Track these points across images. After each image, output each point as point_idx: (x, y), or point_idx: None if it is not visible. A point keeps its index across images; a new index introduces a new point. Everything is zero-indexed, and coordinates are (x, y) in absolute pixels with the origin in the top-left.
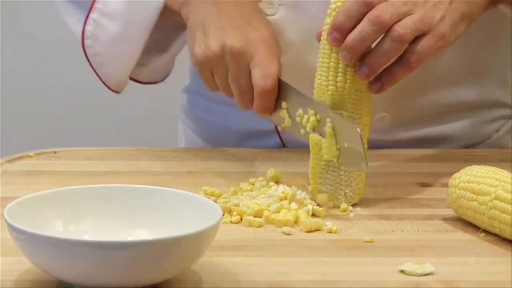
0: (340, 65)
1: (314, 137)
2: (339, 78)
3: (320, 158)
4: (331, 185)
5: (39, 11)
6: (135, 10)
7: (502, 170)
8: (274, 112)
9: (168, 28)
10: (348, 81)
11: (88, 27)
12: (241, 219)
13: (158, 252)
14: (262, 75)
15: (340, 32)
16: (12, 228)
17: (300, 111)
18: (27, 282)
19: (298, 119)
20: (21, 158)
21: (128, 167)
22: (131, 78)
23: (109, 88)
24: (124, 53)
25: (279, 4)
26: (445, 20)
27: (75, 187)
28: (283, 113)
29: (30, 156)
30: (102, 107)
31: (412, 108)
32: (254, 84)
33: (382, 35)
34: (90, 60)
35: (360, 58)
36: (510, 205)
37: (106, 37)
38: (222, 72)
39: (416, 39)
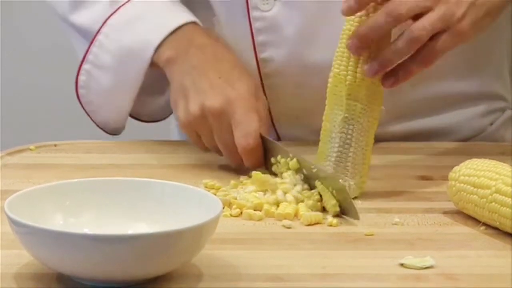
0: (362, 57)
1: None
2: (359, 69)
3: (325, 152)
4: (335, 170)
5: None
6: (125, 65)
7: (502, 163)
8: (265, 165)
9: (163, 72)
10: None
11: (81, 77)
12: (241, 212)
13: (158, 245)
14: (242, 134)
15: (359, 4)
16: (12, 221)
17: (283, 160)
18: (27, 275)
19: (281, 167)
20: (21, 151)
21: (129, 160)
22: (132, 116)
23: (106, 132)
24: (116, 103)
25: (275, 0)
26: (466, 17)
27: (75, 180)
28: (275, 168)
29: (30, 149)
30: None
31: (407, 101)
32: (237, 144)
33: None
34: (85, 108)
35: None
36: (510, 199)
37: (98, 88)
38: (207, 133)
39: (435, 35)
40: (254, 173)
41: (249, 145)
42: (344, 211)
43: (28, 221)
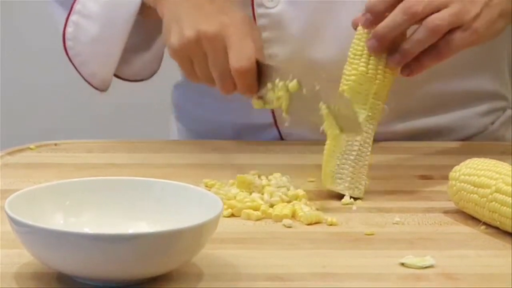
0: (384, 55)
1: (322, 107)
2: (385, 69)
3: (335, 149)
4: (351, 176)
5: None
6: (113, 10)
7: (502, 162)
8: (258, 91)
9: (149, 26)
10: (357, 71)
11: (69, 29)
12: (232, 213)
13: (159, 244)
14: (237, 57)
15: (373, 14)
16: (12, 221)
17: (281, 83)
18: (27, 274)
19: (278, 90)
20: (21, 150)
21: (129, 160)
22: (117, 76)
23: (93, 86)
24: (105, 53)
25: None
26: (481, 16)
27: (75, 179)
28: (270, 94)
29: (30, 149)
30: (103, 100)
31: (408, 100)
32: (231, 67)
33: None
34: (72, 60)
35: (388, 49)
36: (510, 198)
37: (86, 38)
38: (200, 59)
39: (450, 31)
40: (238, 175)
41: (243, 67)
42: (345, 129)
43: (28, 221)
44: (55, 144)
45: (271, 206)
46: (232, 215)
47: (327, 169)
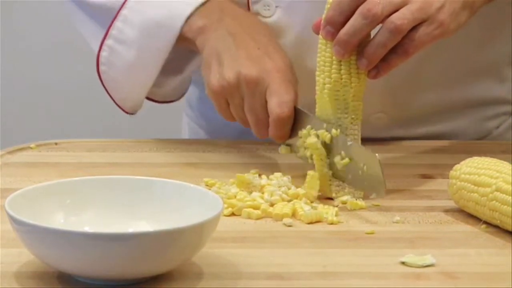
0: (353, 57)
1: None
2: (325, 76)
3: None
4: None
5: (41, 2)
6: (150, 38)
7: (503, 161)
8: (289, 139)
9: (184, 52)
10: (332, 78)
11: (103, 53)
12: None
13: (159, 243)
14: (278, 103)
15: (333, 26)
16: (13, 220)
17: (313, 131)
18: (28, 273)
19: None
20: (22, 149)
21: (129, 159)
22: (146, 97)
23: (123, 110)
24: (139, 79)
25: (276, 6)
26: (445, 8)
27: (76, 178)
28: (300, 142)
29: (31, 148)
30: (104, 99)
31: (410, 107)
32: (270, 112)
33: (379, 26)
34: (105, 85)
35: (356, 51)
36: (511, 197)
37: (121, 64)
38: (237, 102)
39: (415, 27)
40: (238, 175)
41: (283, 113)
42: (369, 188)
43: (28, 220)
44: (56, 143)
45: (272, 205)
46: (233, 214)
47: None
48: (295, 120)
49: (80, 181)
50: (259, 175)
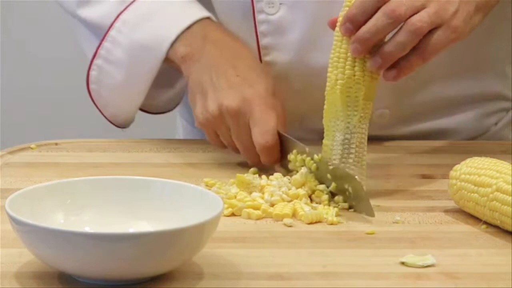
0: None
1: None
2: (339, 71)
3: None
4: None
5: (43, 3)
6: (138, 60)
7: (503, 161)
8: (281, 161)
9: (173, 69)
10: (345, 75)
11: (93, 72)
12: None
13: (160, 243)
14: (261, 132)
15: (353, 24)
16: (13, 220)
17: (300, 157)
18: (28, 273)
19: (297, 163)
20: (22, 149)
21: (129, 159)
22: (141, 109)
23: (115, 125)
24: (129, 98)
25: (280, 4)
26: (459, 13)
27: (76, 178)
28: (291, 165)
29: (31, 148)
30: None
31: (412, 103)
32: (255, 142)
33: (397, 28)
34: (95, 102)
35: (369, 52)
36: (511, 197)
37: (110, 83)
38: (224, 131)
39: (430, 31)
40: (238, 175)
41: (267, 143)
42: (357, 210)
43: (29, 220)
44: (56, 143)
45: (272, 205)
46: (233, 214)
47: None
48: (283, 144)
49: (80, 181)
50: (259, 175)
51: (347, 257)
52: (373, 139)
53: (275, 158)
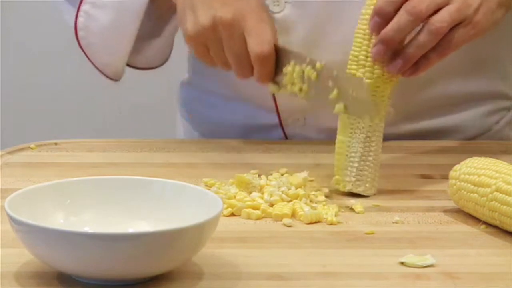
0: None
1: (339, 109)
2: (366, 70)
3: (345, 148)
4: (357, 172)
5: (41, 2)
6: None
7: (502, 162)
8: (275, 77)
9: (160, 12)
10: (375, 74)
11: (80, 19)
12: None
13: (159, 243)
14: (257, 42)
15: (382, 17)
16: (12, 220)
17: (298, 67)
18: (27, 273)
19: (295, 74)
20: (22, 149)
21: (129, 159)
22: (129, 65)
23: (107, 76)
24: (117, 41)
25: (285, 2)
26: (481, 8)
27: (76, 178)
28: (286, 78)
29: (31, 148)
30: (103, 99)
31: (414, 101)
32: (251, 52)
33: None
34: (85, 50)
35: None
36: (510, 197)
37: (98, 27)
38: (216, 45)
39: (452, 28)
40: (237, 175)
41: (264, 52)
42: (359, 114)
43: (28, 220)
44: (56, 144)
45: (271, 205)
46: (232, 214)
47: (343, 173)
48: (278, 58)
49: (80, 181)
50: (259, 175)
51: (346, 257)
52: None
53: (270, 71)
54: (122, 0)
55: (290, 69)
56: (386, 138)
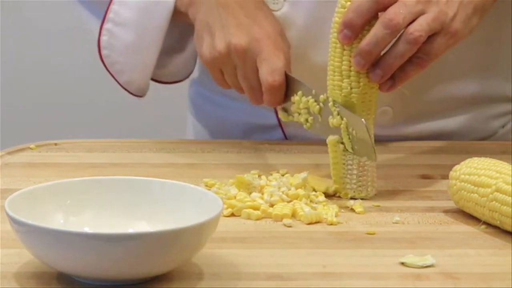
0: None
1: (332, 140)
2: (352, 80)
3: (339, 157)
4: (357, 179)
5: (40, 2)
6: (146, 16)
7: (502, 162)
8: (284, 104)
9: (183, 28)
10: (361, 83)
11: (103, 38)
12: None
13: (159, 244)
14: (269, 71)
15: (351, 29)
16: (12, 220)
17: (304, 99)
18: (27, 274)
19: (301, 105)
20: (22, 150)
21: (129, 159)
22: (154, 80)
23: (130, 93)
24: (141, 59)
25: (284, 0)
26: (458, 16)
27: (75, 179)
28: (294, 107)
29: (31, 148)
30: (104, 99)
31: (416, 103)
32: (262, 80)
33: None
34: (109, 69)
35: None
36: (510, 197)
37: (121, 46)
38: (230, 71)
39: (430, 37)
40: (237, 175)
41: (275, 82)
42: (359, 153)
43: (28, 220)
44: (55, 144)
45: (271, 205)
46: (232, 215)
47: (342, 181)
48: (288, 86)
49: (80, 181)
50: (259, 175)
51: (346, 257)
52: (376, 140)
53: (280, 99)
54: (143, 17)
55: (297, 99)
56: (389, 140)
